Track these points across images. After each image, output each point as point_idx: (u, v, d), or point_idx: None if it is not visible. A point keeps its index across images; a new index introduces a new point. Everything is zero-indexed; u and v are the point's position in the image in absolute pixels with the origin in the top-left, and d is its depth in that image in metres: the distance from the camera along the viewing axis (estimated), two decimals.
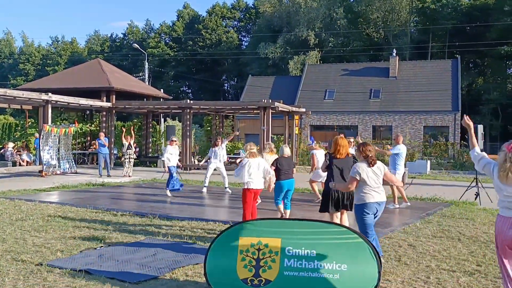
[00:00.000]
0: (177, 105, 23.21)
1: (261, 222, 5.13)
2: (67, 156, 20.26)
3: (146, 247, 7.11)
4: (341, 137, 7.41)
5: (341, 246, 4.79)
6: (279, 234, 4.97)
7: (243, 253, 4.99)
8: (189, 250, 7.00)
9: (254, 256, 4.95)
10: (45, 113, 19.27)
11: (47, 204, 11.41)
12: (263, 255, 4.93)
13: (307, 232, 4.90)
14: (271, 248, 4.93)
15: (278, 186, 8.84)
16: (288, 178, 8.92)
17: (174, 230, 8.47)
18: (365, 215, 5.92)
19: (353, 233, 4.82)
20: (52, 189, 14.57)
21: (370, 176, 5.92)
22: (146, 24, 79.29)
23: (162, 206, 11.27)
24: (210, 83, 65.73)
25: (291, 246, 4.89)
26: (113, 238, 7.77)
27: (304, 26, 51.46)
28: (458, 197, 13.22)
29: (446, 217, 10.23)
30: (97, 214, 9.99)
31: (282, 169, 8.82)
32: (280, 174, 8.82)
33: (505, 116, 48.60)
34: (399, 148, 11.66)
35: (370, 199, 5.92)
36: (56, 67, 71.58)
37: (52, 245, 7.22)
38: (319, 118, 40.41)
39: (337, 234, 4.83)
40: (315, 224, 4.96)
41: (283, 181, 8.85)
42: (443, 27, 50.68)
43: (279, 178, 8.82)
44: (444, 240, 7.89)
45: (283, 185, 8.87)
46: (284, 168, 8.85)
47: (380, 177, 6.03)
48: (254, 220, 5.18)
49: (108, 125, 23.56)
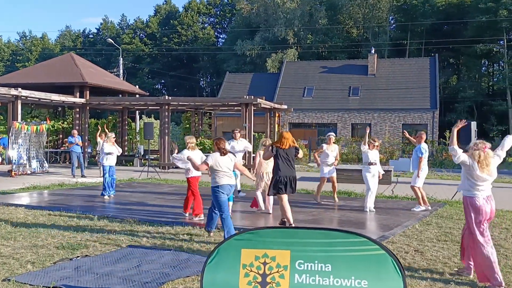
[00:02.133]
0: (155, 101, 22.35)
1: (266, 232, 4.45)
2: (39, 155, 19.21)
3: (128, 257, 6.37)
4: (286, 131, 8.56)
5: (361, 259, 4.15)
6: (288, 245, 4.31)
7: (246, 267, 4.31)
8: (177, 260, 6.29)
9: (260, 271, 4.28)
10: (15, 109, 18.23)
11: (16, 207, 10.52)
12: (269, 269, 4.26)
13: (321, 243, 4.25)
14: (279, 262, 4.27)
15: None
16: None
17: (157, 237, 7.74)
18: (220, 194, 7.29)
19: (374, 244, 4.19)
20: (22, 190, 13.59)
21: (221, 164, 7.29)
22: (121, 19, 77.38)
23: (142, 209, 10.49)
24: (186, 80, 64.65)
25: (303, 259, 4.23)
26: (90, 246, 7.00)
27: (283, 24, 50.92)
28: (449, 196, 12.83)
29: (443, 218, 9.74)
30: (71, 219, 9.17)
31: None
32: None
33: (480, 114, 48.97)
34: (425, 148, 10.58)
35: (224, 182, 7.29)
36: (26, 63, 69.38)
37: (21, 255, 6.42)
38: (298, 116, 39.89)
39: (355, 245, 4.19)
40: (330, 233, 4.31)
41: None
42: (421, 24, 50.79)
43: None
44: (450, 245, 7.37)
45: None
46: None
47: (231, 164, 7.43)
48: (258, 229, 4.50)
49: (82, 122, 22.53)
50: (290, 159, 8.24)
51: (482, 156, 5.57)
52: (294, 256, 4.26)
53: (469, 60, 51.87)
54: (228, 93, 42.76)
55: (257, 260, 4.32)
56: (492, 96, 51.96)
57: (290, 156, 8.24)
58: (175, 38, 65.81)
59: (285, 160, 8.18)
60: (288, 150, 8.24)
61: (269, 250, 4.32)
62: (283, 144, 8.20)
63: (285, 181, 8.12)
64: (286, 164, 8.17)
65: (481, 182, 5.59)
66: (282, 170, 8.13)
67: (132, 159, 24.40)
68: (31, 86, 20.82)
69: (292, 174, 8.24)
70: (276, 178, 8.18)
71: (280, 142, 8.25)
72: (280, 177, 8.13)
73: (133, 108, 25.26)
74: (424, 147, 10.56)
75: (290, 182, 8.20)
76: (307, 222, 9.08)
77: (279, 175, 8.13)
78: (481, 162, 5.53)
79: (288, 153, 8.23)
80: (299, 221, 9.24)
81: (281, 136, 8.34)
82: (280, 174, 8.12)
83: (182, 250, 6.85)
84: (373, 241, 4.21)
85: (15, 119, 18.15)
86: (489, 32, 46.84)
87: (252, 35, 54.12)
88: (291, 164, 8.26)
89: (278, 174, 8.14)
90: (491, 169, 5.59)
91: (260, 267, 4.29)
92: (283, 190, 8.18)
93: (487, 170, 5.54)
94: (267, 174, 9.71)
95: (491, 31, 46.90)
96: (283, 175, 8.12)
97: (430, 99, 38.29)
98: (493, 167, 5.69)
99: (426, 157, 10.57)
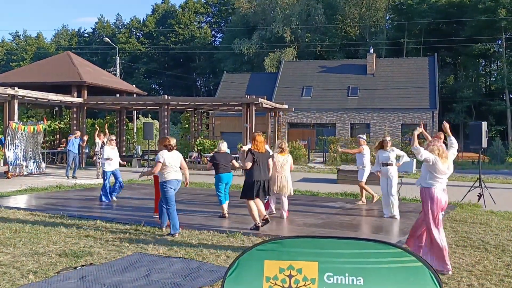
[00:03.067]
0: (154, 101, 21.99)
1: (291, 241, 4.12)
2: (35, 155, 18.79)
3: (136, 265, 6.03)
4: (258, 134, 8.45)
5: (396, 271, 3.83)
6: (316, 256, 3.98)
7: (270, 280, 3.99)
8: (187, 268, 5.95)
9: (285, 284, 3.95)
10: (11, 109, 17.83)
11: (15, 210, 10.15)
12: (295, 283, 3.94)
13: (352, 254, 3.93)
14: (305, 275, 3.94)
15: (218, 178, 9.51)
16: (227, 172, 9.57)
17: (164, 241, 7.40)
18: (168, 190, 7.81)
19: (410, 255, 3.86)
20: (19, 193, 13.21)
21: (169, 160, 7.77)
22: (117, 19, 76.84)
23: (145, 211, 10.13)
24: (183, 79, 64.22)
25: (332, 271, 3.91)
26: (94, 253, 6.65)
27: (281, 22, 50.60)
28: (458, 198, 12.54)
29: (457, 221, 9.44)
30: (73, 222, 8.81)
31: (220, 163, 9.47)
32: (219, 168, 9.48)
33: (478, 114, 48.79)
34: None
35: (172, 177, 7.79)
36: (21, 62, 68.77)
37: (22, 263, 6.07)
38: (296, 116, 39.57)
39: (389, 256, 3.87)
40: (361, 243, 3.98)
41: (222, 174, 9.49)
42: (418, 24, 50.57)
43: (218, 172, 9.49)
44: (470, 250, 7.06)
45: (222, 178, 9.50)
46: (222, 162, 9.48)
47: (178, 160, 7.94)
48: (282, 239, 4.16)
49: (79, 122, 22.12)
50: (264, 163, 8.33)
51: (441, 150, 6.15)
52: (323, 268, 3.94)
53: (467, 59, 51.67)
54: (225, 93, 42.41)
55: (281, 273, 4.00)
56: (490, 96, 51.84)
57: (265, 160, 8.35)
58: (172, 37, 65.39)
59: (261, 164, 8.22)
60: (264, 155, 8.31)
61: (295, 261, 4.00)
62: (259, 148, 8.23)
63: (259, 185, 8.14)
64: (261, 168, 8.22)
65: (441, 175, 6.08)
66: (257, 175, 8.14)
67: (130, 159, 24.01)
68: (28, 85, 20.41)
69: (266, 178, 8.34)
70: (250, 182, 8.14)
71: (257, 147, 8.23)
72: (254, 181, 8.11)
73: (131, 108, 24.87)
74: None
75: (263, 187, 8.24)
76: (317, 226, 8.76)
77: (253, 179, 8.12)
78: (441, 155, 6.09)
79: (264, 158, 8.31)
80: (309, 225, 8.93)
81: (255, 139, 8.31)
82: (254, 179, 8.11)
83: (192, 257, 6.51)
84: (409, 252, 3.89)
85: (11, 119, 17.75)
86: (487, 32, 46.69)
87: (249, 34, 53.76)
88: (265, 168, 8.35)
89: (253, 179, 8.12)
90: (449, 162, 6.23)
91: (285, 280, 3.96)
92: (257, 195, 8.16)
93: (446, 162, 6.12)
94: (283, 178, 9.30)
95: (490, 31, 46.74)
96: (258, 179, 8.14)
97: (429, 99, 38.08)
98: (450, 161, 6.36)
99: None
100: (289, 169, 9.42)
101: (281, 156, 9.29)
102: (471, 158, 32.14)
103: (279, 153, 9.32)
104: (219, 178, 9.51)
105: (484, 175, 19.20)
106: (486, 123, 12.18)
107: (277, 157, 9.22)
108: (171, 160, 7.80)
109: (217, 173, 9.53)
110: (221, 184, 9.51)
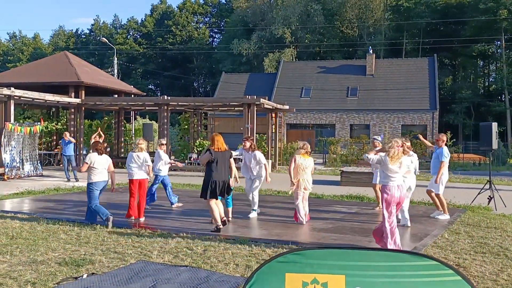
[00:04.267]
0: (154, 101, 21.59)
1: (315, 252, 3.77)
2: (32, 157, 18.40)
3: (141, 275, 5.67)
4: (216, 134, 8.47)
5: (432, 285, 3.49)
6: (342, 269, 3.64)
7: None
8: (195, 278, 5.60)
9: None
10: (7, 110, 17.42)
11: (11, 214, 9.77)
12: None
13: (383, 267, 3.58)
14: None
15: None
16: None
17: (168, 249, 7.04)
18: (93, 190, 8.63)
19: (447, 268, 3.53)
20: (15, 196, 12.82)
21: (97, 163, 8.61)
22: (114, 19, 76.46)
23: (147, 216, 9.76)
24: (180, 80, 63.83)
25: (361, 285, 3.57)
26: (96, 261, 6.29)
27: (280, 23, 50.29)
28: (466, 201, 12.23)
29: (471, 226, 9.12)
30: (72, 228, 8.44)
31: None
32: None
33: (477, 115, 48.60)
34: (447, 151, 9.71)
35: (98, 179, 8.63)
36: (17, 63, 68.23)
37: (19, 273, 5.71)
38: (295, 117, 39.29)
39: (425, 269, 3.53)
40: (393, 255, 3.64)
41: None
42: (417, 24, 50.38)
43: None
44: (490, 257, 6.74)
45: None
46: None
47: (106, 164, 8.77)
48: (305, 250, 3.82)
49: (77, 123, 21.71)
50: (225, 163, 8.26)
51: (395, 153, 6.88)
52: (350, 282, 3.60)
53: (467, 60, 51.52)
54: (224, 93, 42.07)
55: (305, 287, 3.65)
56: (489, 97, 51.68)
57: (225, 159, 8.26)
58: (169, 38, 65.01)
59: (221, 164, 8.15)
60: (223, 153, 8.24)
61: (320, 274, 3.67)
62: (218, 147, 8.18)
63: (218, 185, 8.08)
64: (221, 167, 8.15)
65: (392, 173, 6.85)
66: (215, 174, 8.08)
67: None
68: (24, 85, 19.99)
69: (225, 178, 8.23)
70: (210, 181, 8.08)
71: (215, 145, 8.18)
72: (213, 181, 8.07)
73: (129, 108, 24.48)
74: (446, 150, 9.83)
75: (223, 186, 8.18)
76: (328, 231, 8.42)
77: (213, 179, 8.07)
78: (392, 157, 6.83)
79: (223, 156, 8.23)
80: (319, 229, 8.59)
81: (213, 139, 8.30)
82: (213, 178, 8.07)
83: (199, 265, 6.16)
84: (446, 265, 3.55)
85: (7, 120, 17.34)
86: (487, 33, 46.51)
87: (248, 34, 53.46)
88: (226, 168, 8.26)
89: (212, 178, 8.07)
90: (401, 163, 6.95)
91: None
92: (216, 194, 8.12)
93: (397, 163, 6.86)
94: (305, 181, 8.92)
95: (489, 32, 46.57)
96: (217, 179, 8.09)
97: (429, 99, 37.85)
98: (404, 163, 7.09)
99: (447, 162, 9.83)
100: (310, 173, 9.04)
101: (304, 158, 8.91)
102: (472, 159, 31.88)
103: (303, 154, 8.94)
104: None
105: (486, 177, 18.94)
106: (496, 124, 11.89)
107: (300, 159, 8.84)
108: (99, 163, 8.62)
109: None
110: None
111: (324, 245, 6.73)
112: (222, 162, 8.17)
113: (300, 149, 9.02)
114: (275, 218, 9.72)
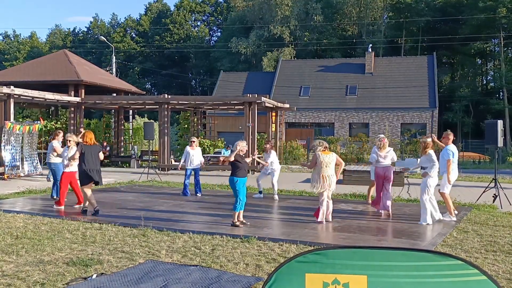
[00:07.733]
0: (154, 100, 21.49)
1: (336, 252, 3.69)
2: (32, 156, 18.27)
3: (151, 275, 5.58)
4: (87, 131, 10.16)
5: (458, 285, 3.41)
6: (364, 269, 3.56)
7: None
8: (206, 278, 5.51)
9: None
10: (7, 108, 17.29)
11: (14, 214, 9.66)
12: None
13: (406, 267, 3.51)
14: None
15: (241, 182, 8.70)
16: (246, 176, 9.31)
17: (176, 247, 6.96)
18: None
19: (472, 268, 3.45)
20: (17, 195, 12.71)
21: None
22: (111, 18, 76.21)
23: (151, 215, 9.67)
24: (178, 79, 63.67)
25: (383, 286, 3.49)
26: (104, 261, 6.20)
27: (279, 22, 50.19)
28: (471, 199, 12.19)
29: (478, 224, 9.06)
30: (77, 227, 8.35)
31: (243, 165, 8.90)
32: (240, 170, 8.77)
33: (476, 113, 48.64)
34: (452, 150, 9.53)
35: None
36: (14, 62, 68.00)
37: (27, 274, 5.61)
38: (294, 115, 39.20)
39: (449, 269, 3.46)
40: (417, 255, 3.56)
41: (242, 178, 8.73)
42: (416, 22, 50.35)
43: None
44: (501, 256, 6.68)
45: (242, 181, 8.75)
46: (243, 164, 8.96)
47: None
48: (325, 249, 3.74)
49: (77, 122, 21.59)
50: (95, 155, 9.80)
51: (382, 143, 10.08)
52: (373, 282, 3.52)
53: (466, 58, 51.54)
54: (222, 92, 41.96)
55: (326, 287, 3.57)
56: (488, 95, 51.70)
57: (95, 152, 9.83)
58: (167, 36, 64.84)
59: (92, 155, 9.70)
60: (93, 147, 9.80)
61: (341, 275, 3.58)
62: (88, 141, 9.75)
63: (92, 173, 9.62)
64: (92, 158, 9.69)
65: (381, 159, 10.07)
66: (89, 164, 9.60)
67: (128, 160, 23.54)
68: (23, 84, 19.87)
69: (97, 167, 9.78)
70: (84, 169, 9.59)
71: (85, 140, 9.77)
72: (88, 169, 9.59)
73: (129, 107, 24.37)
74: (451, 149, 9.65)
75: (95, 174, 9.71)
76: (335, 230, 8.36)
77: (87, 167, 9.59)
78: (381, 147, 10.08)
79: (93, 149, 9.79)
80: (326, 228, 8.52)
81: (84, 135, 9.92)
82: (87, 167, 9.59)
83: (209, 265, 6.08)
84: (472, 264, 3.48)
85: (7, 118, 17.22)
86: (486, 31, 46.53)
87: (247, 33, 53.33)
88: (97, 158, 9.83)
89: (86, 166, 9.59)
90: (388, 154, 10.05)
91: None
92: (91, 180, 9.68)
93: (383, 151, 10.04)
94: (327, 177, 8.74)
95: (488, 30, 46.59)
96: (90, 168, 9.62)
97: (428, 98, 37.81)
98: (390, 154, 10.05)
99: (455, 161, 9.69)
100: (333, 168, 8.94)
101: (326, 155, 8.80)
102: (472, 157, 31.91)
103: (323, 151, 8.83)
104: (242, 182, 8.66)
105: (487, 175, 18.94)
106: (501, 121, 11.82)
107: (322, 156, 8.73)
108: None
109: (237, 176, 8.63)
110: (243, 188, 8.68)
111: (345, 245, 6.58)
112: (93, 153, 9.72)
113: (319, 147, 8.89)
114: (281, 217, 9.64)
